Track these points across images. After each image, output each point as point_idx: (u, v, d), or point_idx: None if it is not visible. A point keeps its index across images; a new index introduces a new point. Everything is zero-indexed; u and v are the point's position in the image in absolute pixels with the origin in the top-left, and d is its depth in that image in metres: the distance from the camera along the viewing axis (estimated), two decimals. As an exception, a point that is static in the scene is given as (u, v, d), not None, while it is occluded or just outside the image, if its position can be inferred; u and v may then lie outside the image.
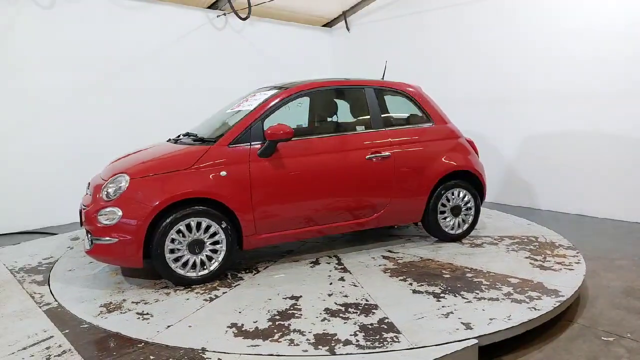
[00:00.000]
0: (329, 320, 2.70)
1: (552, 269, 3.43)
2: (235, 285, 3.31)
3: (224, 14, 7.15)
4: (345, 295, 3.06)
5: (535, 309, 2.77)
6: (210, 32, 7.07)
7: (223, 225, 3.34)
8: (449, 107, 4.92)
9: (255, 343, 2.46)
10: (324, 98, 4.34)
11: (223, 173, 3.37)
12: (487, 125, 6.52)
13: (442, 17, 6.99)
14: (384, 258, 3.81)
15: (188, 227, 3.25)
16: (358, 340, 2.45)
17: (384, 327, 2.60)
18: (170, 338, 2.54)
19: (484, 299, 2.93)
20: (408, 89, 4.29)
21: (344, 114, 4.33)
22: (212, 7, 7.07)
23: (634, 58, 5.17)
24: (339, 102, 4.37)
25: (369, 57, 7.80)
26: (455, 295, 2.99)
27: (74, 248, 4.37)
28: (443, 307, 2.83)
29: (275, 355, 2.33)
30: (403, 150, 3.99)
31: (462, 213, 4.23)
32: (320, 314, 2.79)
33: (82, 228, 3.44)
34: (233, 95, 4.90)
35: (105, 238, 3.18)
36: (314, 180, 3.66)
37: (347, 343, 2.43)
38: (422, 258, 3.78)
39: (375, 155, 3.86)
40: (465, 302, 2.90)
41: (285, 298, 3.06)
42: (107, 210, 3.19)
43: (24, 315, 2.89)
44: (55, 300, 3.12)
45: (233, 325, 2.67)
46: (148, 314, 2.86)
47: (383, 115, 4.10)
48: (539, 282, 3.19)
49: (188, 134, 3.98)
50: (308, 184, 3.64)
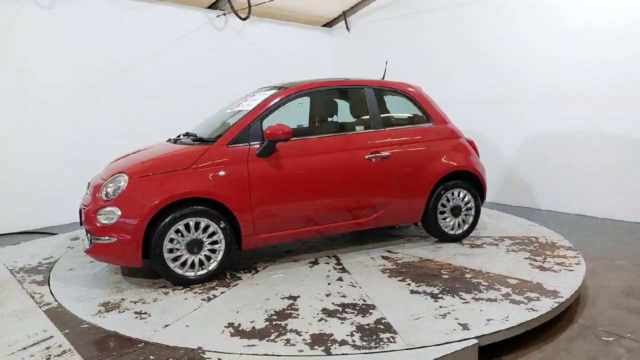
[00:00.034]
0: (326, 321, 2.70)
1: (551, 270, 3.42)
2: (234, 285, 3.31)
3: (224, 14, 7.15)
4: (343, 296, 3.06)
5: (534, 310, 2.76)
6: (210, 32, 7.07)
7: (222, 225, 3.34)
8: (449, 107, 4.92)
9: (252, 343, 2.46)
10: (324, 98, 4.34)
11: (222, 173, 3.37)
12: (487, 125, 6.51)
13: (442, 17, 6.98)
14: (383, 258, 3.81)
15: (187, 226, 3.26)
16: (354, 341, 2.45)
17: (381, 327, 2.60)
18: (167, 337, 2.54)
19: (482, 300, 2.92)
20: (408, 89, 4.28)
21: (344, 114, 4.33)
22: (212, 7, 7.07)
23: (634, 58, 5.16)
24: (339, 102, 4.37)
25: (369, 57, 7.79)
26: (453, 296, 2.99)
27: (75, 247, 4.38)
28: (441, 307, 2.83)
29: (271, 355, 2.34)
30: (403, 150, 3.98)
31: (462, 213, 4.22)
32: (318, 314, 2.79)
33: (82, 228, 3.45)
34: (233, 95, 4.90)
35: (105, 237, 3.19)
36: (313, 180, 3.66)
37: (343, 343, 2.43)
38: (421, 258, 3.78)
39: (375, 155, 3.86)
40: (463, 302, 2.89)
41: (283, 298, 3.06)
42: (106, 210, 3.20)
43: (24, 315, 2.90)
44: (55, 300, 3.13)
45: (230, 325, 2.68)
46: (146, 314, 2.86)
47: (383, 115, 4.10)
48: (538, 283, 3.18)
49: (188, 134, 3.98)
50: (307, 184, 3.64)
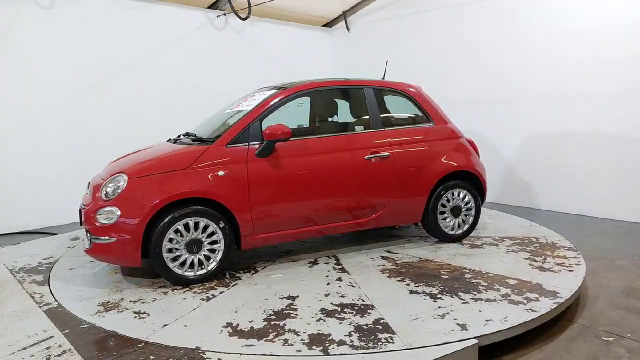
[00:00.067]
0: (324, 321, 2.70)
1: (551, 270, 3.41)
2: (233, 285, 3.31)
3: (224, 14, 7.15)
4: (342, 296, 3.06)
5: (532, 311, 2.75)
6: (210, 32, 7.07)
7: (221, 225, 3.34)
8: (449, 107, 4.91)
9: (250, 343, 2.46)
10: (323, 98, 4.34)
11: (221, 173, 3.37)
12: (487, 125, 6.51)
13: (442, 17, 6.98)
14: (383, 258, 3.80)
15: (186, 226, 3.26)
16: (352, 341, 2.45)
17: (379, 327, 2.60)
18: (166, 337, 2.54)
19: (481, 300, 2.92)
20: (408, 89, 4.28)
21: (344, 114, 4.33)
22: (212, 7, 7.07)
23: (634, 58, 5.15)
24: (339, 102, 4.37)
25: (369, 57, 7.78)
26: (452, 296, 2.99)
27: (75, 247, 4.38)
28: (439, 307, 2.83)
29: (269, 355, 2.34)
30: (402, 150, 3.98)
31: (462, 213, 4.21)
32: (316, 314, 2.79)
33: (82, 227, 3.45)
34: (233, 95, 4.91)
35: (104, 237, 3.19)
36: (312, 180, 3.66)
37: (341, 343, 2.43)
38: (420, 259, 3.78)
39: (374, 156, 3.85)
40: (462, 303, 2.89)
41: (282, 298, 3.06)
42: (105, 210, 3.21)
43: (24, 315, 2.90)
44: (55, 300, 3.13)
45: (228, 325, 2.68)
46: (145, 313, 2.86)
47: (382, 115, 4.09)
48: (538, 283, 3.17)
49: (188, 134, 3.99)
50: (306, 184, 3.63)
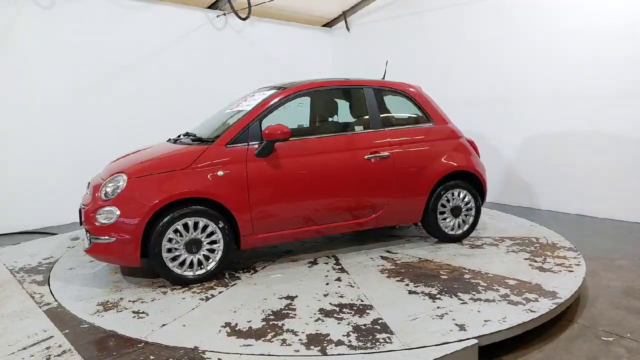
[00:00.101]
0: (323, 321, 2.70)
1: (551, 271, 3.41)
2: (232, 285, 3.31)
3: (224, 14, 7.15)
4: (341, 296, 3.06)
5: (531, 311, 2.75)
6: (210, 32, 7.07)
7: (220, 225, 3.35)
8: (449, 107, 4.91)
9: (248, 343, 2.46)
10: (323, 98, 4.34)
11: (220, 173, 3.37)
12: (487, 125, 6.51)
13: (442, 17, 6.98)
14: (383, 258, 3.80)
15: (185, 226, 3.26)
16: (350, 341, 2.45)
17: (377, 327, 2.60)
18: (164, 337, 2.54)
19: (480, 301, 2.92)
20: (408, 89, 4.27)
21: (344, 114, 4.33)
22: (212, 7, 7.07)
23: (634, 58, 5.15)
24: (339, 102, 4.37)
25: (369, 57, 7.79)
26: (451, 297, 2.98)
27: (75, 247, 4.38)
28: (438, 308, 2.83)
29: (267, 355, 2.34)
30: (402, 150, 3.97)
31: (462, 214, 4.21)
32: (315, 314, 2.79)
33: (82, 227, 3.45)
34: (233, 95, 4.91)
35: (104, 237, 3.20)
36: (312, 180, 3.65)
37: (339, 343, 2.43)
38: (420, 259, 3.77)
39: (374, 156, 3.85)
40: (461, 303, 2.88)
41: (281, 298, 3.06)
42: (105, 210, 3.21)
43: (24, 315, 2.90)
44: (55, 300, 3.13)
45: (227, 325, 2.68)
46: (144, 313, 2.87)
47: (382, 115, 4.09)
48: (537, 283, 3.17)
49: (187, 134, 3.99)
50: (306, 184, 3.63)
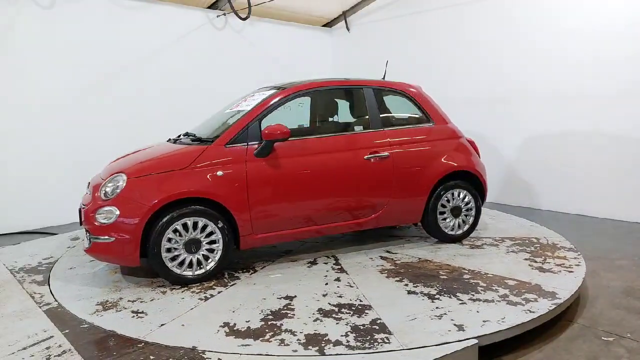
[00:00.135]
0: (321, 321, 2.70)
1: (551, 271, 3.40)
2: (231, 285, 3.31)
3: (224, 14, 7.15)
4: (340, 296, 3.06)
5: (530, 312, 2.74)
6: (210, 32, 7.07)
7: (220, 225, 3.35)
8: (449, 107, 4.91)
9: (246, 342, 2.47)
10: (323, 98, 4.34)
11: (220, 173, 3.37)
12: (487, 125, 6.50)
13: (442, 17, 6.98)
14: (382, 259, 3.80)
15: (185, 226, 3.26)
16: (348, 341, 2.45)
17: (376, 327, 2.60)
18: (163, 337, 2.54)
19: (479, 301, 2.91)
20: (408, 89, 4.27)
21: (344, 114, 4.33)
22: (212, 7, 7.07)
23: (634, 58, 5.14)
24: (339, 102, 4.37)
25: (369, 57, 7.79)
26: (451, 297, 2.98)
27: (75, 247, 4.38)
28: (437, 308, 2.82)
29: (265, 355, 2.34)
30: (402, 151, 3.97)
31: (462, 214, 4.21)
32: (313, 314, 2.79)
33: (81, 227, 3.46)
34: (233, 95, 4.91)
35: (103, 237, 3.20)
36: (311, 180, 3.65)
37: (337, 343, 2.43)
38: (420, 259, 3.77)
39: (374, 156, 3.85)
40: (460, 303, 2.88)
41: (280, 298, 3.06)
42: (104, 210, 3.21)
43: (24, 315, 2.90)
44: (55, 300, 3.13)
45: (225, 325, 2.68)
46: (143, 313, 2.87)
47: (382, 115, 4.09)
48: (537, 284, 3.16)
49: (187, 134, 3.99)
50: (305, 184, 3.63)
